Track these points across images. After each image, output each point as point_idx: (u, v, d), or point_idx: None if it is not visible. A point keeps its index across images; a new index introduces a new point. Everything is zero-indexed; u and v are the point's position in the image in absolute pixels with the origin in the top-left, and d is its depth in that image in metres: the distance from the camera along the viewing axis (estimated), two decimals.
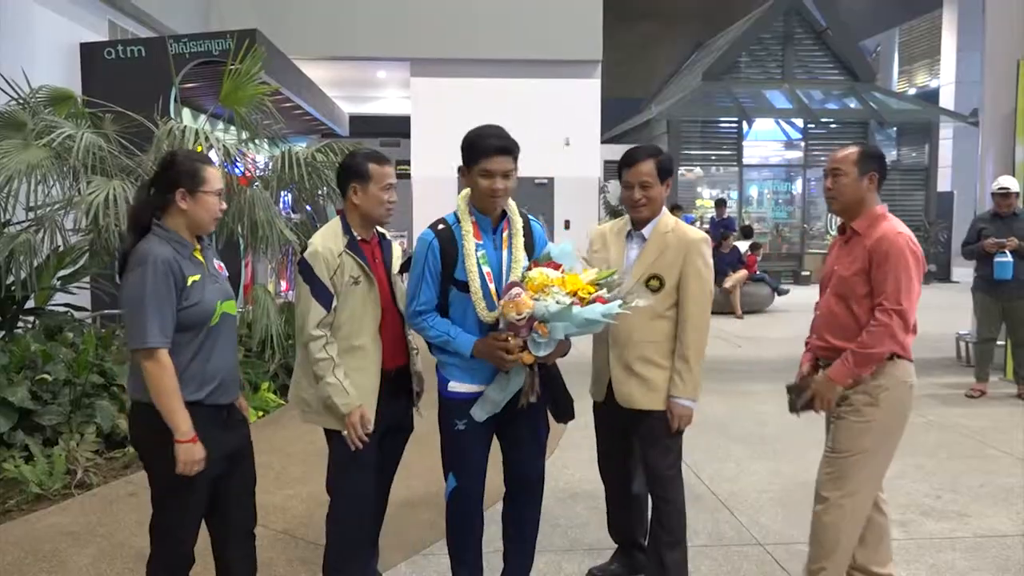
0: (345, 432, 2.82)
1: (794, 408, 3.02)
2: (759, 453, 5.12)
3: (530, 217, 2.93)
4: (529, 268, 2.74)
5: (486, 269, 2.74)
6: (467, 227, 2.76)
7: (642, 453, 3.11)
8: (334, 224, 2.91)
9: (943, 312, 9.95)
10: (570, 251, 2.80)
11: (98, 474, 4.50)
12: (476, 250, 2.74)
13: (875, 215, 2.89)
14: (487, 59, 15.41)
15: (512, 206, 2.86)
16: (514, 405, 2.78)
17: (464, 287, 2.74)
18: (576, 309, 2.54)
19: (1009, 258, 6.41)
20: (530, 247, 2.85)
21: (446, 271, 2.76)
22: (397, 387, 3.01)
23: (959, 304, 9.30)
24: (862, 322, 2.83)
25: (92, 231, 5.41)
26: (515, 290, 2.62)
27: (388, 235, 3.12)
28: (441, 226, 2.80)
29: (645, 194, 2.98)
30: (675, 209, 11.84)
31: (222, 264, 2.73)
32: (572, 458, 4.97)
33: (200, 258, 2.57)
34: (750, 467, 4.83)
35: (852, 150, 2.95)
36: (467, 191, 2.79)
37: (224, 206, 2.65)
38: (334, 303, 2.80)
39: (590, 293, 2.62)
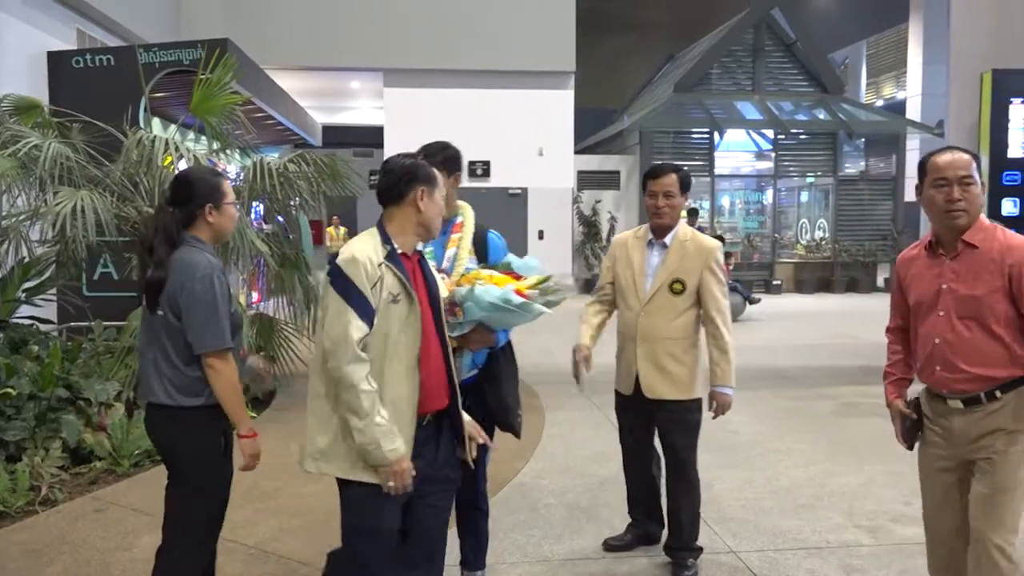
0: (391, 483, 2.32)
1: (911, 446, 2.85)
2: (731, 462, 5.15)
3: (489, 231, 3.09)
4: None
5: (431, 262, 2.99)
6: None
7: (665, 437, 3.48)
8: (371, 234, 2.47)
9: None
10: (536, 266, 2.97)
11: (63, 490, 4.41)
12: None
13: (986, 225, 2.56)
14: (461, 70, 15.43)
15: (468, 214, 3.06)
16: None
17: None
18: (478, 289, 2.73)
19: None
20: (482, 255, 3.01)
21: None
22: (435, 432, 2.54)
23: None
24: (1009, 344, 2.49)
25: (59, 242, 5.32)
26: (439, 275, 2.82)
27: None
28: None
29: (668, 203, 3.39)
30: None
31: None
32: (547, 467, 4.97)
33: None
34: (722, 475, 4.85)
35: (967, 156, 2.55)
36: None
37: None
38: (376, 319, 2.34)
39: (519, 292, 2.78)
